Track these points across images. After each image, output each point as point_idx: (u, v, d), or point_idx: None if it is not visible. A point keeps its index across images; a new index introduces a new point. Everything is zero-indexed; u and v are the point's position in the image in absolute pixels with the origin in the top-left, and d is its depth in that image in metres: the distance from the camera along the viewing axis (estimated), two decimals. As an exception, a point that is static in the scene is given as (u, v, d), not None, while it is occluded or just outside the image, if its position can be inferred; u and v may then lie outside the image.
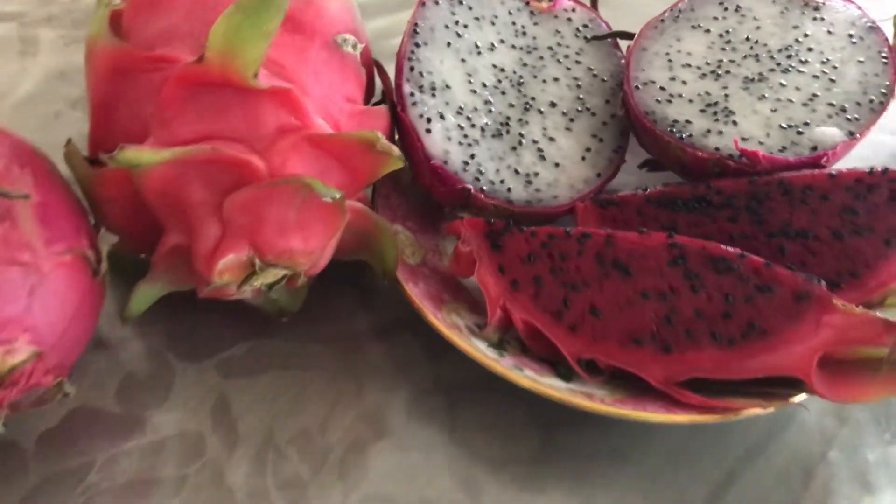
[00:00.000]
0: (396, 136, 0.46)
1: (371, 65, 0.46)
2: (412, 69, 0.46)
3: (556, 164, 0.46)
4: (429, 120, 0.44)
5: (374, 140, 0.38)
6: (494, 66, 0.48)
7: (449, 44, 0.47)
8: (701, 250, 0.39)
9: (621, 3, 0.70)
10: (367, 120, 0.42)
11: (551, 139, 0.47)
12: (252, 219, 0.37)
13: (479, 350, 0.40)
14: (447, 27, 0.48)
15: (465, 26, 0.48)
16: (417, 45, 0.46)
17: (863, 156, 0.49)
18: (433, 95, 0.45)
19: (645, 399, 0.39)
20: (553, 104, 0.48)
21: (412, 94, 0.45)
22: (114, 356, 0.43)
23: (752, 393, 0.38)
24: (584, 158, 0.47)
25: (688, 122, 0.45)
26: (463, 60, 0.47)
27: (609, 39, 0.52)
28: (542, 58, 0.50)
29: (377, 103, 0.48)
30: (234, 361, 0.43)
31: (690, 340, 0.38)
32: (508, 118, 0.47)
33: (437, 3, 0.48)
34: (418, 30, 0.47)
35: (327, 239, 0.39)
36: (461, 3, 0.49)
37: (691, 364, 0.38)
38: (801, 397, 0.38)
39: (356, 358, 0.44)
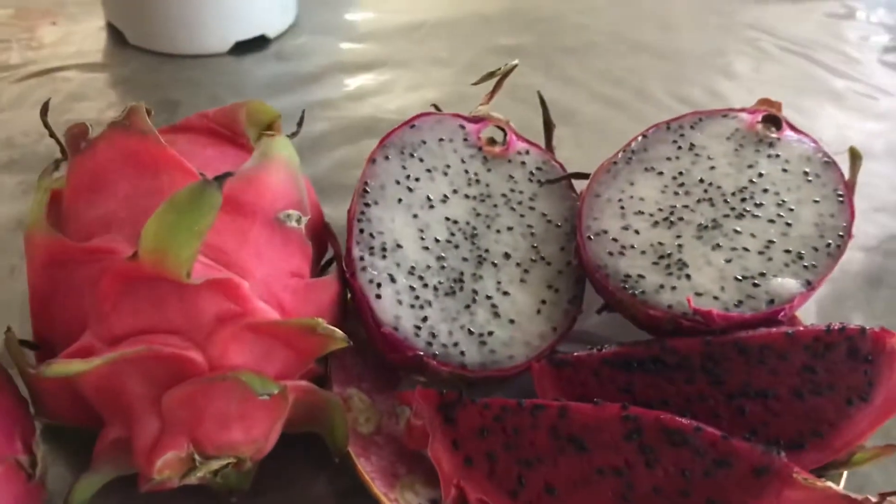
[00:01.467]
0: (350, 296, 0.45)
1: (321, 228, 0.45)
2: (362, 231, 0.45)
3: (511, 321, 0.45)
4: (378, 285, 0.44)
5: (315, 326, 0.37)
6: (447, 218, 0.48)
7: (400, 200, 0.47)
8: (655, 422, 0.38)
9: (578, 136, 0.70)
10: (313, 293, 0.41)
11: (505, 293, 0.46)
12: (191, 414, 0.36)
13: (433, 536, 0.38)
14: (398, 182, 0.47)
15: (417, 179, 0.48)
16: (368, 205, 0.46)
17: (831, 276, 0.48)
18: (384, 257, 0.45)
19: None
20: (507, 255, 0.47)
21: (362, 259, 0.44)
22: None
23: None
24: (539, 312, 0.46)
25: (640, 276, 0.44)
26: (415, 216, 0.47)
27: (564, 182, 0.51)
28: (495, 206, 0.49)
29: (329, 262, 0.48)
30: (183, 546, 0.42)
31: (649, 520, 0.37)
32: (462, 273, 0.46)
33: (387, 158, 0.48)
34: (368, 189, 0.47)
35: (270, 426, 0.38)
36: (412, 155, 0.49)
37: (651, 546, 0.37)
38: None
39: (312, 533, 0.43)
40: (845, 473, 0.42)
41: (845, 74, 0.85)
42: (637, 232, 0.46)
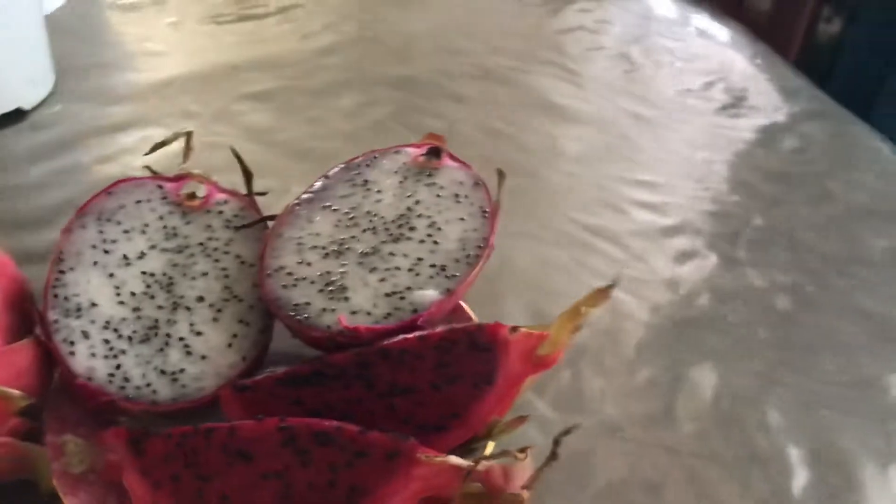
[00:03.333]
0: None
1: (22, 298, 0.51)
2: (56, 296, 0.51)
3: (203, 357, 0.52)
4: (72, 343, 0.49)
5: (-10, 391, 0.43)
6: (144, 272, 0.54)
7: (96, 262, 0.53)
8: (305, 428, 0.46)
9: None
10: (7, 359, 0.47)
11: (199, 333, 0.52)
12: None
13: (122, 555, 0.44)
14: (94, 247, 0.53)
15: (114, 241, 0.54)
16: (62, 272, 0.52)
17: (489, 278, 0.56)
18: (79, 317, 0.50)
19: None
20: (201, 298, 0.54)
21: (56, 322, 0.50)
22: None
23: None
24: (230, 346, 0.52)
25: (307, 303, 0.51)
26: (111, 275, 0.53)
27: (260, 224, 0.58)
28: (192, 255, 0.55)
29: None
30: None
31: (306, 512, 0.45)
32: (157, 321, 0.52)
33: (83, 226, 0.54)
34: (63, 256, 0.52)
35: (-35, 483, 0.43)
36: (109, 220, 0.55)
37: (307, 533, 0.44)
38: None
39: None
40: (492, 443, 0.51)
41: (562, 83, 0.95)
42: (310, 264, 0.54)
